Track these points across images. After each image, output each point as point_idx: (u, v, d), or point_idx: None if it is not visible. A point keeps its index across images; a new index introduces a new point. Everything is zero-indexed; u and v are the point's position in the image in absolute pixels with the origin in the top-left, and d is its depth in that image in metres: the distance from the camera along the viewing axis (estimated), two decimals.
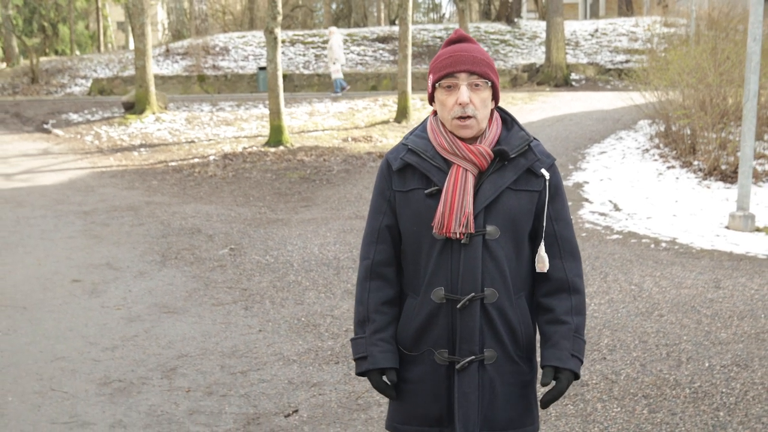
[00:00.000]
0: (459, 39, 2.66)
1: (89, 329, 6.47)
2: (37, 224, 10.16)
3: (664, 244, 8.71)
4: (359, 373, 2.69)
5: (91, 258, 8.59)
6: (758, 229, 9.14)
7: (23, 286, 7.65)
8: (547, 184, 2.63)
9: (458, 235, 2.54)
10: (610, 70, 26.54)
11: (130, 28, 43.64)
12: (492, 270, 2.57)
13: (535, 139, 2.68)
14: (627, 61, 26.82)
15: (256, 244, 9.06)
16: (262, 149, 15.84)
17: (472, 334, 2.57)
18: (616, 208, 10.34)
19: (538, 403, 2.68)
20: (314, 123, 18.91)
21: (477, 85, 2.56)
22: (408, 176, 2.66)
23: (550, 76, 25.66)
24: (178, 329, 6.43)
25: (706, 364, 5.42)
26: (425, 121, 2.75)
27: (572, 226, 2.72)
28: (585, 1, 52.31)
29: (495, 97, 2.63)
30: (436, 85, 2.61)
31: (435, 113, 2.72)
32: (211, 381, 5.42)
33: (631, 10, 37.92)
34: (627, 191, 11.12)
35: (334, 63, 23.14)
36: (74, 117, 20.01)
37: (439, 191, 2.58)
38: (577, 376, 2.63)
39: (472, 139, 2.62)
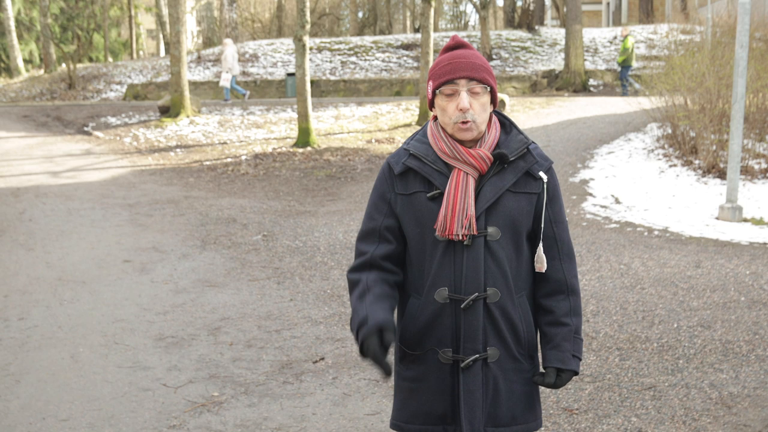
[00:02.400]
0: (457, 45, 2.75)
1: (142, 299, 7.43)
2: (87, 215, 11.15)
3: (656, 232, 9.56)
4: (360, 341, 2.61)
5: (138, 243, 9.56)
6: (745, 220, 9.96)
7: (81, 265, 8.63)
8: (545, 186, 2.73)
9: (461, 237, 2.63)
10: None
11: (161, 36, 44.90)
12: (494, 270, 2.67)
13: (533, 142, 2.77)
14: (644, 68, 27.54)
15: (286, 231, 10.00)
16: (291, 150, 16.81)
17: (476, 333, 2.67)
18: (617, 202, 11.19)
19: (540, 400, 2.87)
20: (340, 126, 19.86)
21: (476, 91, 2.65)
22: (410, 180, 2.74)
23: (568, 82, 26.43)
24: (219, 299, 7.38)
25: (675, 325, 6.29)
26: (425, 126, 2.83)
27: (567, 227, 2.85)
28: (608, 9, 53.03)
29: (493, 102, 2.73)
30: (437, 91, 2.70)
31: (435, 118, 2.80)
32: (250, 337, 6.36)
33: (652, 18, 38.53)
34: (629, 187, 11.96)
35: (226, 72, 24.12)
36: (112, 120, 21.08)
37: (441, 194, 2.67)
38: (576, 374, 2.79)
39: (472, 143, 2.71)
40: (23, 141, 18.29)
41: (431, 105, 2.76)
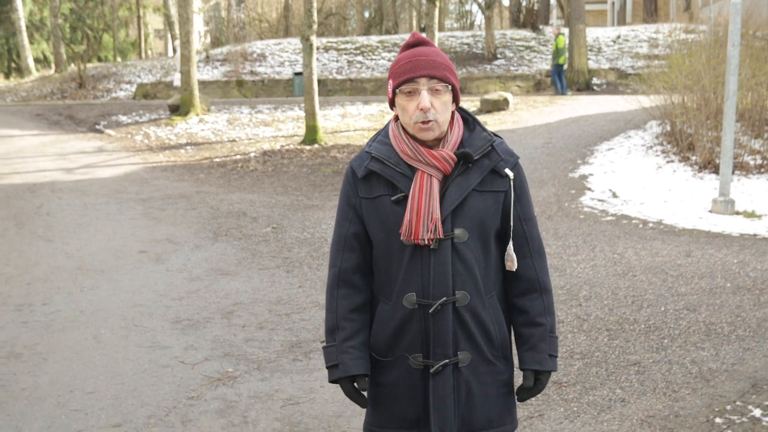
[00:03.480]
0: (417, 42, 2.69)
1: (159, 286, 7.83)
2: (102, 209, 11.55)
3: (651, 224, 9.93)
4: (332, 381, 2.74)
5: (152, 235, 9.96)
6: (738, 213, 10.32)
7: (98, 256, 9.03)
8: (512, 183, 2.68)
9: (426, 241, 2.58)
10: (630, 75, 27.62)
11: (168, 36, 45.39)
12: (462, 273, 2.62)
13: (497, 137, 2.72)
14: (647, 67, 27.88)
15: (294, 224, 10.39)
16: (299, 147, 17.20)
17: (446, 338, 2.62)
18: (614, 196, 11.56)
19: (516, 400, 2.82)
20: (346, 124, 20.25)
21: (437, 89, 2.59)
22: (373, 183, 2.68)
23: (572, 81, 26.77)
24: (232, 286, 7.77)
25: (662, 309, 6.67)
26: (387, 126, 2.77)
27: (537, 223, 2.80)
28: (613, 8, 53.35)
29: (455, 99, 2.67)
30: (397, 90, 2.63)
31: (396, 118, 2.74)
32: (262, 320, 6.75)
33: (656, 17, 38.84)
34: (627, 182, 12.33)
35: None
36: (123, 119, 21.49)
37: (406, 197, 2.60)
38: (554, 371, 2.78)
39: (435, 142, 2.65)
40: (37, 139, 18.71)
41: (392, 104, 2.70)
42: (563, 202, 11.21)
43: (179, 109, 21.15)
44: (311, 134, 17.61)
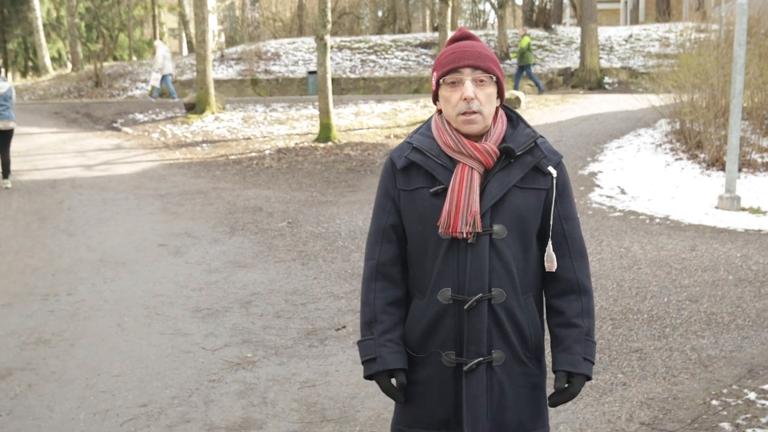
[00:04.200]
0: (463, 37, 2.66)
1: (178, 277, 8.10)
2: (122, 204, 11.85)
3: (657, 220, 10.15)
4: (367, 376, 2.69)
5: (171, 229, 10.24)
6: (743, 209, 10.53)
7: (119, 249, 9.32)
8: (555, 182, 2.62)
9: (465, 235, 2.52)
10: (642, 74, 27.78)
11: (183, 35, 45.75)
12: (499, 270, 2.55)
13: (541, 136, 2.67)
14: (659, 66, 28.03)
15: (309, 218, 10.65)
16: (313, 144, 17.47)
17: (480, 336, 2.55)
18: (623, 192, 11.78)
19: (547, 404, 2.72)
20: (360, 122, 20.51)
21: (482, 80, 2.55)
22: (413, 175, 2.64)
23: (584, 80, 26.93)
24: (249, 277, 8.04)
25: (665, 299, 6.90)
26: (430, 119, 2.73)
27: (579, 224, 2.74)
28: (626, 7, 53.44)
29: (500, 94, 2.62)
30: (440, 81, 2.61)
31: (440, 112, 2.70)
32: (278, 309, 7.02)
33: (669, 17, 38.92)
34: (635, 179, 12.54)
35: (156, 72, 25.05)
36: (140, 117, 21.81)
37: (445, 190, 2.56)
38: (588, 378, 2.67)
39: (478, 137, 2.60)
40: (56, 136, 19.04)
41: (435, 97, 2.69)
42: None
43: (195, 108, 21.44)
44: (325, 132, 17.87)
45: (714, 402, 4.91)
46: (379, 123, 20.31)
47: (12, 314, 7.05)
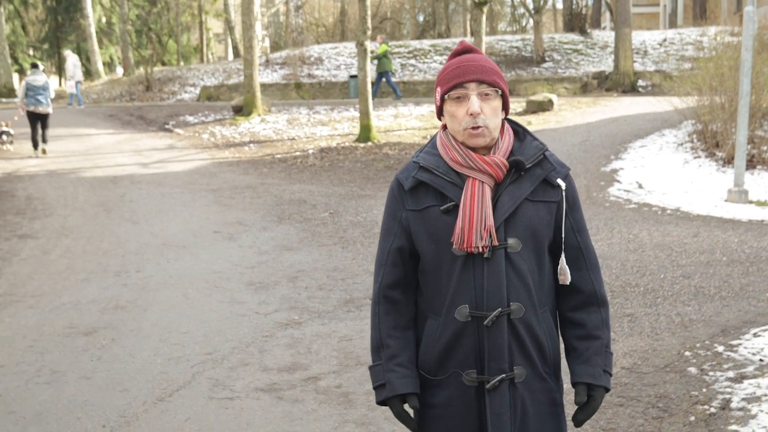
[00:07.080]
0: (465, 50, 2.64)
1: (233, 258, 9.17)
2: (178, 197, 12.96)
3: (669, 211, 11.03)
4: (379, 402, 2.66)
5: (224, 218, 11.32)
6: (751, 202, 11.36)
7: (179, 235, 10.41)
8: (564, 194, 2.60)
9: (480, 249, 2.48)
10: (675, 77, 28.45)
11: (229, 40, 47.10)
12: (516, 284, 2.52)
13: (548, 149, 2.66)
14: (692, 69, 28.68)
15: (349, 210, 11.68)
16: (353, 144, 18.53)
17: (502, 352, 2.51)
18: (640, 187, 12.65)
19: (571, 422, 2.68)
20: (398, 123, 21.52)
21: (487, 94, 2.54)
22: (421, 194, 2.60)
23: (617, 83, 27.68)
24: (295, 258, 9.08)
25: (662, 276, 7.81)
26: (434, 137, 2.70)
27: (589, 234, 2.75)
28: (665, 11, 53.89)
29: (505, 107, 2.61)
30: (445, 96, 2.58)
31: (444, 128, 2.68)
32: (321, 283, 8.04)
33: (705, 20, 39.38)
34: (653, 175, 13.39)
35: (69, 80, 27.61)
36: (190, 119, 23.02)
37: (456, 207, 2.53)
38: (608, 390, 2.64)
39: (485, 150, 2.58)
40: (112, 137, 20.30)
41: (440, 113, 2.68)
42: (591, 192, 12.34)
43: (242, 110, 22.61)
44: (365, 133, 18.90)
45: (687, 353, 5.83)
46: (417, 124, 21.30)
47: (90, 287, 8.15)
